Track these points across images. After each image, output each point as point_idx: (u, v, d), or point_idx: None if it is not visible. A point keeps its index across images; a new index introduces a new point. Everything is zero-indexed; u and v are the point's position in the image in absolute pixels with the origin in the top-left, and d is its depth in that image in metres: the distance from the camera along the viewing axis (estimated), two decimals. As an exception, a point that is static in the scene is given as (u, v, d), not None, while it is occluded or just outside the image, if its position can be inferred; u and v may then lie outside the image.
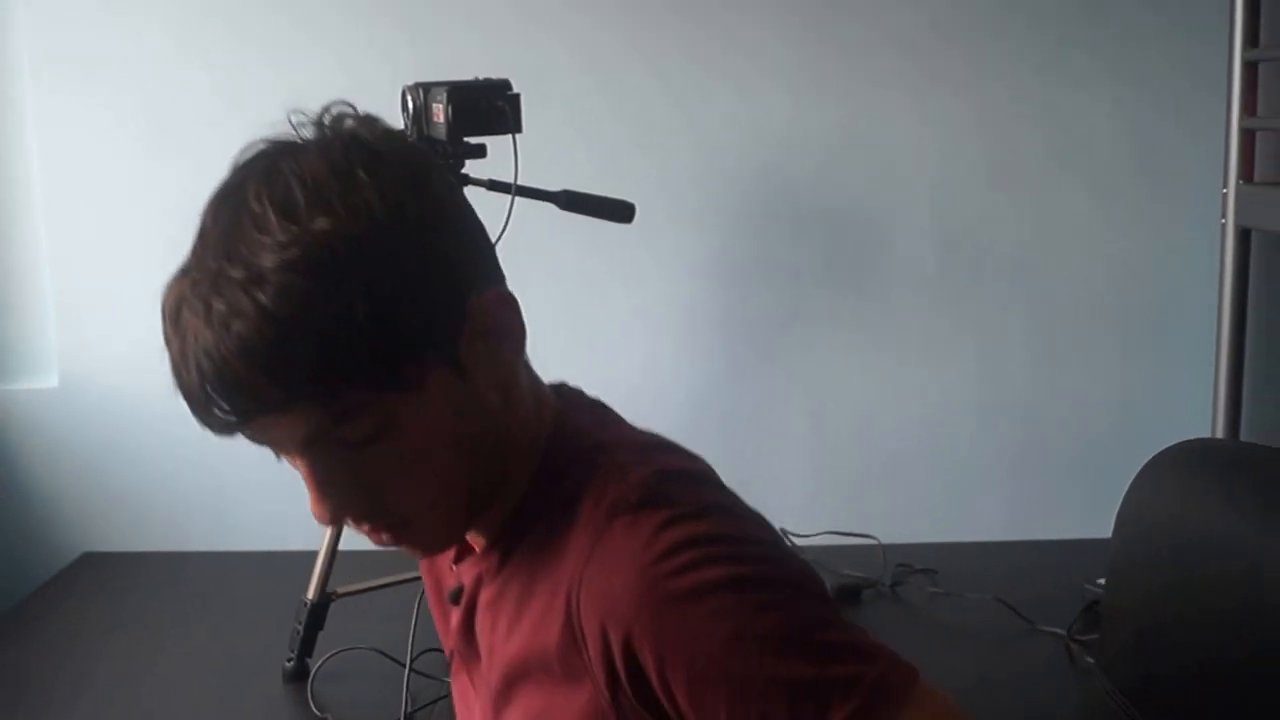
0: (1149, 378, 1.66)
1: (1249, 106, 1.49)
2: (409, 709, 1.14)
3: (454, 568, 0.65)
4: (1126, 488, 1.89)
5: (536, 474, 0.59)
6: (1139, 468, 1.85)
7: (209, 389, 0.54)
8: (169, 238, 2.01)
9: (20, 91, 1.63)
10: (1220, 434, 1.57)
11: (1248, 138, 1.50)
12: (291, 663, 1.27)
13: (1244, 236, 1.53)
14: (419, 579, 1.24)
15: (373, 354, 0.52)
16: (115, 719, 1.21)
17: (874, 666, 0.52)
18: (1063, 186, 1.65)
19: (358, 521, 0.57)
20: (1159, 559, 0.78)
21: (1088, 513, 1.66)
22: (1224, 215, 1.54)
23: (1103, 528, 1.75)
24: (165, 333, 0.58)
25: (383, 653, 1.22)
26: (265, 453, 1.97)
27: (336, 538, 1.28)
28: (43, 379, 1.67)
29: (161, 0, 1.60)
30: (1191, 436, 1.85)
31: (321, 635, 1.27)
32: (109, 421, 1.66)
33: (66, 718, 1.21)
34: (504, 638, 0.60)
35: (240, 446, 2.02)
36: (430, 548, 0.61)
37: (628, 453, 0.59)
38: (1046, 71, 1.61)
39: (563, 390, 0.63)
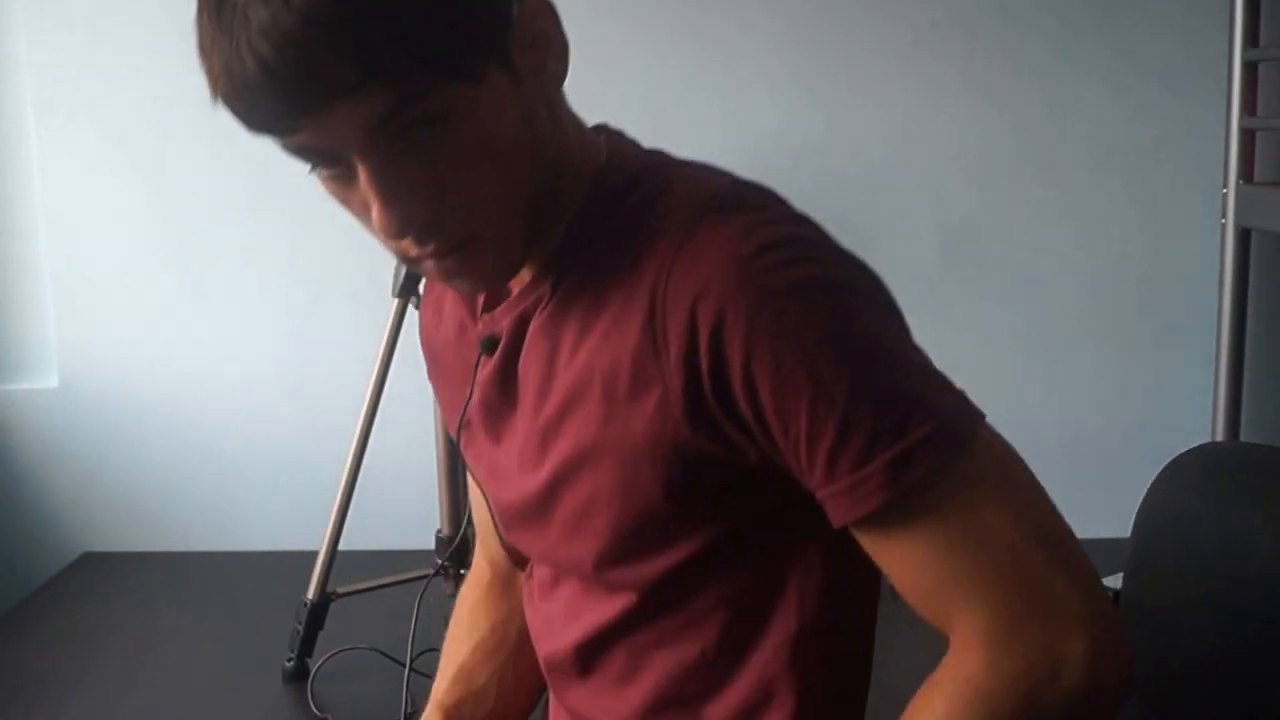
0: (1148, 378, 1.66)
1: (1249, 106, 1.49)
2: (409, 709, 1.14)
3: (482, 318, 0.63)
4: (1127, 487, 1.88)
5: (592, 196, 0.59)
6: (1138, 467, 1.84)
7: (272, 77, 0.50)
8: (169, 238, 2.02)
9: (21, 93, 1.62)
10: (1220, 435, 1.57)
11: (1248, 138, 1.50)
12: (291, 663, 1.27)
13: (1244, 237, 1.52)
14: (419, 579, 1.25)
15: (438, 34, 0.51)
16: (114, 717, 1.21)
17: (952, 394, 0.53)
18: (1062, 186, 1.65)
19: (421, 237, 0.55)
20: (1176, 561, 0.78)
21: (1087, 512, 1.65)
22: (1224, 215, 1.54)
23: (1102, 527, 1.75)
24: (205, 37, 0.53)
25: (383, 653, 1.22)
26: (266, 453, 1.95)
27: (336, 538, 1.28)
28: (42, 379, 1.68)
29: (162, 4, 1.60)
30: (1191, 437, 1.85)
31: (321, 635, 1.28)
32: (108, 422, 1.66)
33: (66, 717, 1.21)
34: (567, 358, 0.58)
35: (240, 446, 2.01)
36: (490, 273, 0.58)
37: (700, 169, 0.59)
38: (1045, 72, 1.61)
39: (606, 128, 0.63)
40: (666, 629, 0.60)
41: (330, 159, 0.54)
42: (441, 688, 0.75)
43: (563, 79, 0.59)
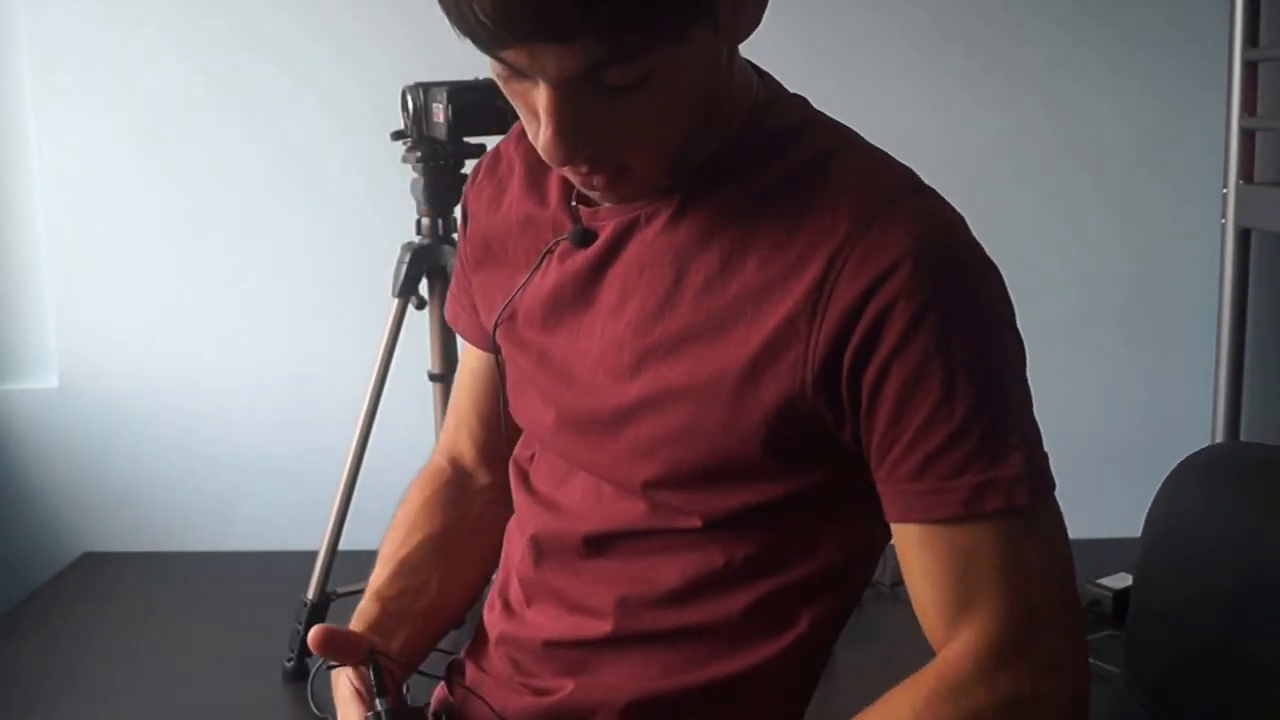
0: (1149, 378, 1.66)
1: (1249, 106, 1.49)
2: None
3: (577, 210, 0.64)
4: (1128, 487, 1.89)
5: (745, 134, 0.61)
6: (1139, 467, 1.84)
7: (498, 1, 0.51)
8: (168, 239, 2.02)
9: (20, 93, 1.63)
10: (1220, 434, 1.57)
11: (1248, 138, 1.50)
12: (291, 662, 1.27)
13: (1244, 236, 1.52)
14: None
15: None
16: (114, 718, 1.21)
17: (1040, 452, 0.58)
18: (1062, 186, 1.65)
19: (582, 164, 0.57)
20: (1187, 562, 0.78)
21: (1086, 512, 1.65)
22: (1224, 215, 1.54)
23: (1102, 527, 1.75)
24: None
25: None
26: (266, 453, 1.94)
27: (336, 538, 1.28)
28: (42, 379, 1.68)
29: (162, 1, 1.60)
30: (1191, 436, 1.85)
31: (321, 635, 1.28)
32: (109, 422, 1.66)
33: (66, 716, 1.21)
34: (699, 287, 0.59)
35: (240, 446, 2.00)
36: (636, 193, 0.60)
37: (863, 141, 0.62)
38: (1046, 72, 1.61)
39: (758, 67, 0.65)
40: (697, 541, 0.62)
41: (522, 75, 0.55)
42: (382, 577, 0.73)
43: (754, 29, 0.59)
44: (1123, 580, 1.38)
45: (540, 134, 0.55)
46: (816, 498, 0.61)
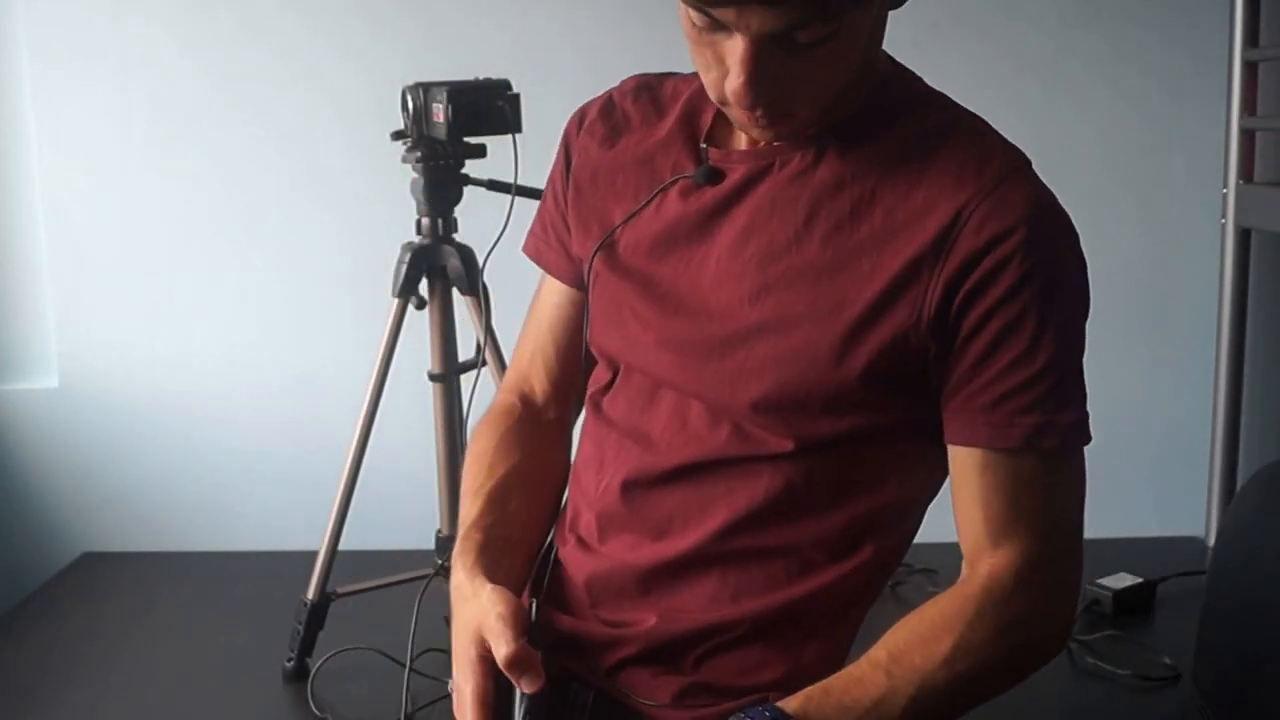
0: (1149, 378, 1.66)
1: (1249, 106, 1.49)
2: (409, 709, 1.14)
3: (709, 151, 0.72)
4: (1127, 487, 1.89)
5: (878, 97, 0.70)
6: (1137, 468, 1.85)
7: None
8: (169, 239, 2.01)
9: (20, 91, 1.62)
10: (1220, 435, 1.57)
11: (1248, 138, 1.50)
12: (291, 662, 1.27)
13: (1244, 237, 1.53)
14: (419, 579, 1.25)
15: None
16: (114, 717, 1.21)
17: (1086, 407, 0.68)
18: (1061, 186, 1.63)
19: (757, 107, 0.64)
20: (1258, 573, 0.79)
21: (1088, 512, 1.65)
22: (1224, 215, 1.54)
23: (1102, 527, 1.74)
24: None
25: (383, 653, 1.22)
26: (266, 453, 1.93)
27: (336, 538, 1.28)
28: (43, 379, 1.67)
29: (167, 13, 1.60)
30: (1190, 437, 1.86)
31: (321, 635, 1.27)
32: (108, 422, 1.66)
33: (65, 716, 1.21)
34: (827, 229, 0.67)
35: (239, 447, 2.00)
36: (788, 134, 0.68)
37: (984, 125, 0.72)
38: (1044, 71, 1.61)
39: (888, 54, 0.73)
40: (779, 466, 0.69)
41: (721, 28, 0.63)
42: (475, 510, 0.77)
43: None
44: (1122, 580, 1.38)
45: (730, 80, 0.63)
46: (893, 435, 0.69)
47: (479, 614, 0.67)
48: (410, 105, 1.25)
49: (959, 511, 0.69)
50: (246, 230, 1.65)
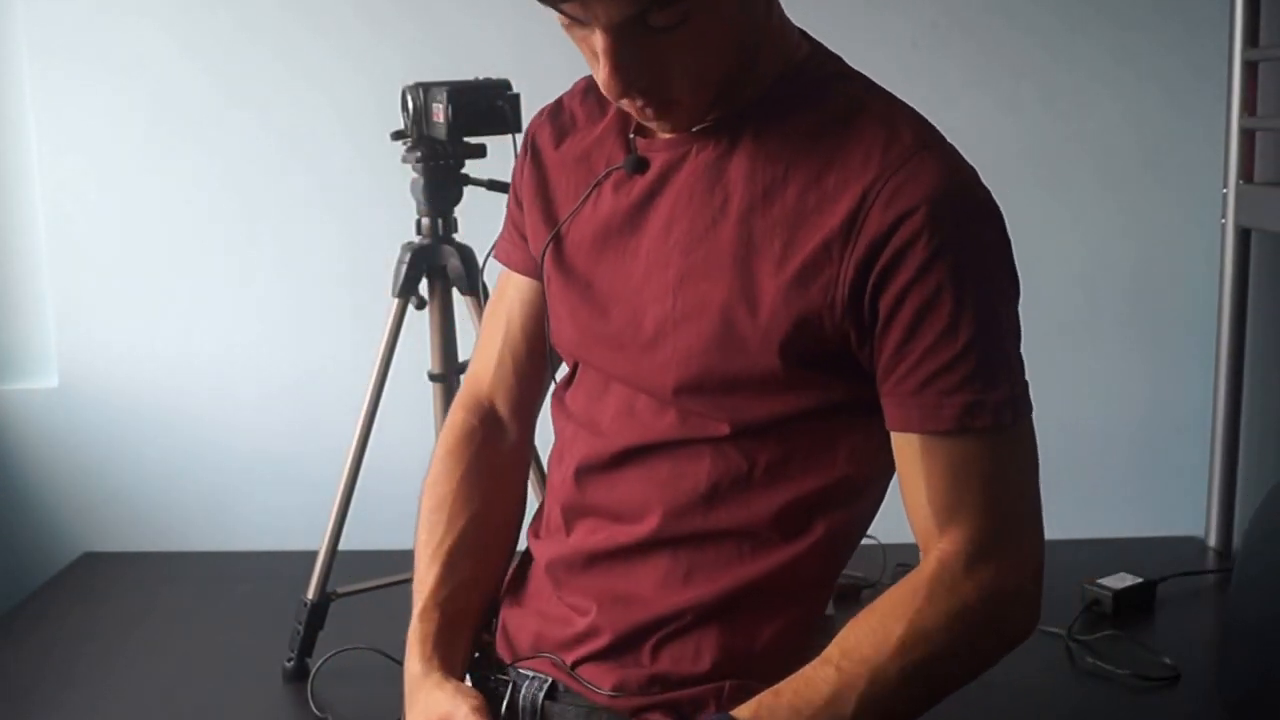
0: (1148, 378, 1.66)
1: (1249, 106, 1.49)
2: (409, 709, 1.14)
3: (636, 141, 0.72)
4: (1127, 488, 1.88)
5: (791, 79, 0.69)
6: (1138, 468, 1.84)
7: None
8: (170, 238, 2.01)
9: (20, 90, 1.62)
10: (1220, 436, 1.57)
11: (1247, 138, 1.50)
12: (291, 662, 1.27)
13: (1244, 236, 1.53)
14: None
15: None
16: (113, 717, 1.21)
17: (1023, 379, 0.68)
18: (1062, 186, 1.64)
19: (635, 97, 0.65)
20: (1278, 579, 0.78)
21: (1087, 511, 1.66)
22: (1224, 215, 1.54)
23: (1102, 527, 1.75)
24: None
25: (383, 653, 1.22)
26: (263, 451, 1.93)
27: (336, 538, 1.28)
28: (42, 379, 1.67)
29: (166, 20, 1.59)
30: (1191, 437, 1.85)
31: (321, 635, 1.27)
32: (109, 421, 1.66)
33: (65, 716, 1.21)
34: (741, 212, 0.67)
35: (239, 446, 1.99)
36: (682, 123, 0.69)
37: (898, 102, 0.71)
38: (1046, 71, 1.61)
39: (803, 31, 0.74)
40: (724, 448, 0.69)
41: (581, 23, 0.63)
42: (432, 578, 0.78)
43: None
44: (1122, 580, 1.38)
45: (600, 72, 0.64)
46: (833, 414, 0.69)
47: (444, 709, 0.70)
48: (410, 105, 1.25)
49: (906, 500, 0.69)
50: (246, 230, 1.65)
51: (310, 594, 1.26)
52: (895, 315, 0.65)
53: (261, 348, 1.66)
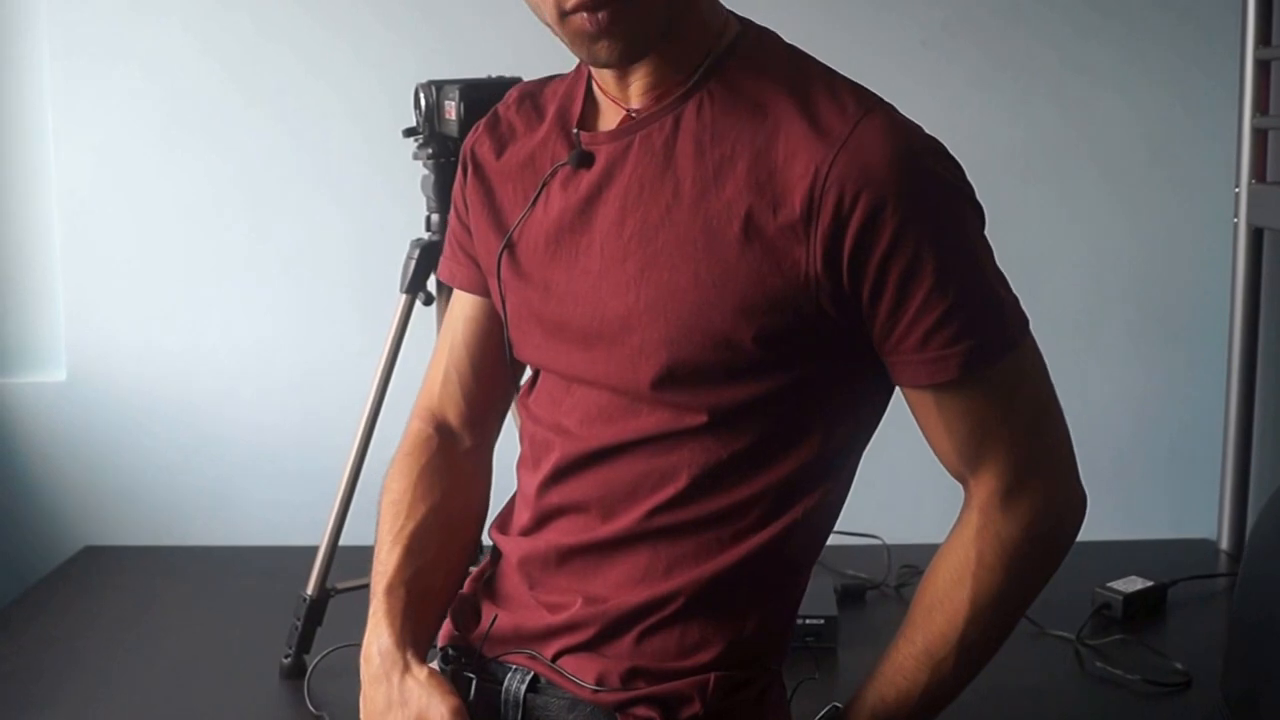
0: (1160, 378, 1.64)
1: (1261, 105, 1.48)
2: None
3: (579, 135, 0.72)
4: (1139, 488, 1.85)
5: (725, 59, 0.69)
6: (1149, 468, 1.82)
7: None
8: (180, 233, 2.01)
9: (39, 85, 1.63)
10: (1232, 436, 1.55)
11: (1260, 137, 1.49)
12: (289, 658, 1.26)
13: (1256, 236, 1.51)
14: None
15: None
16: (113, 712, 1.21)
17: (1013, 299, 0.70)
18: (1073, 186, 1.63)
19: None
20: None
21: (1098, 514, 1.63)
22: (1236, 215, 1.52)
23: (1113, 529, 1.73)
24: None
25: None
26: (267, 447, 1.93)
27: (337, 533, 1.28)
28: (50, 372, 1.67)
29: (182, 20, 1.60)
30: (1202, 438, 1.83)
31: (319, 631, 1.27)
32: (114, 416, 1.66)
33: (65, 710, 1.20)
34: (693, 200, 0.67)
35: (244, 442, 1.98)
36: (635, 34, 0.65)
37: (820, 63, 0.71)
38: (1056, 70, 1.60)
39: (735, 13, 0.73)
40: (700, 438, 0.69)
41: None
42: (395, 559, 0.77)
43: None
44: (1133, 583, 1.36)
45: None
46: (804, 391, 0.69)
47: (421, 703, 0.70)
48: (423, 102, 1.25)
49: (932, 444, 0.71)
50: (256, 226, 1.65)
51: (309, 590, 1.26)
52: (881, 287, 0.65)
53: (269, 343, 1.66)
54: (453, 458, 0.83)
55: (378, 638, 0.75)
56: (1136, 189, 1.62)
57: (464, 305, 0.82)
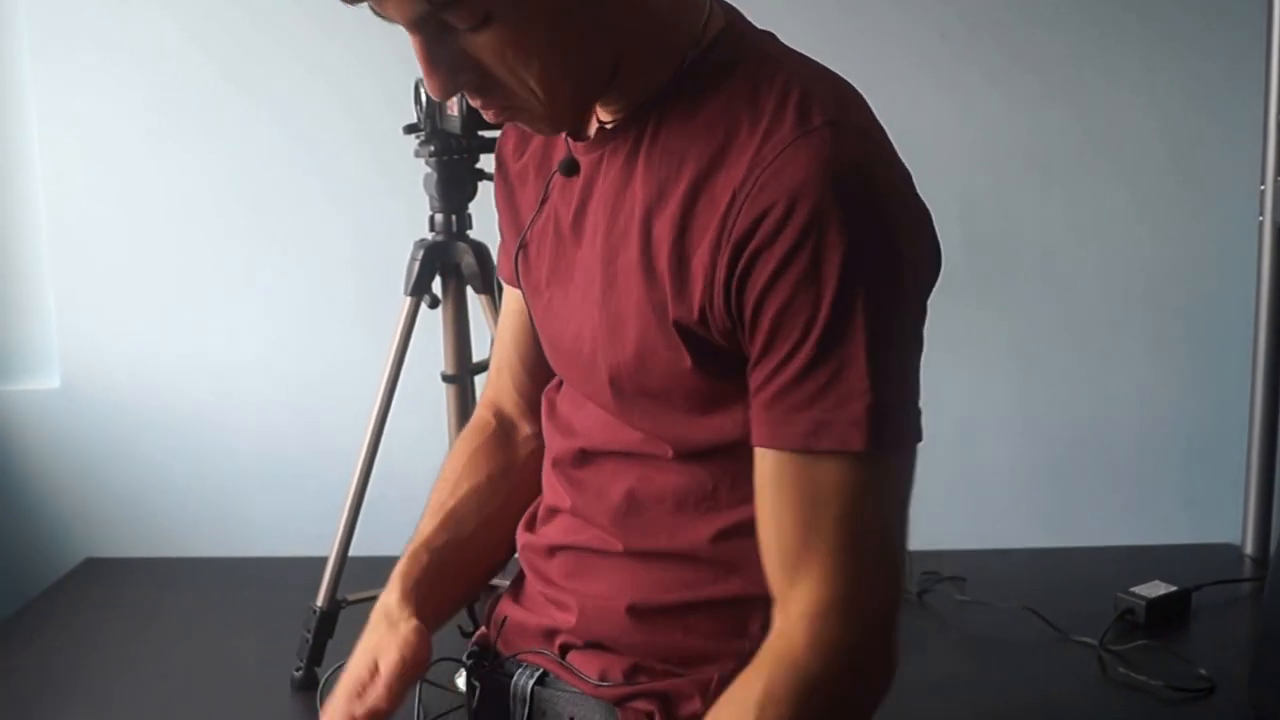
0: (1183, 379, 1.63)
1: (1287, 101, 1.46)
2: (421, 718, 1.11)
3: (570, 142, 0.69)
4: (1163, 490, 1.83)
5: (697, 64, 0.63)
6: (1171, 471, 1.80)
7: None
8: (174, 236, 1.98)
9: (21, 82, 1.59)
10: (1257, 440, 1.53)
11: (1285, 133, 1.46)
12: (300, 672, 1.24)
13: (1281, 234, 1.49)
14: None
15: None
16: (118, 730, 1.18)
17: (907, 407, 0.61)
18: (1096, 184, 1.61)
19: (474, 98, 0.61)
20: None
21: (1121, 518, 1.62)
22: (1261, 213, 1.50)
23: (1136, 534, 1.70)
24: None
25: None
26: (271, 454, 1.89)
27: (346, 543, 1.25)
28: (44, 380, 1.64)
29: (177, 27, 1.56)
30: (1226, 441, 1.81)
31: (331, 644, 1.24)
32: (111, 423, 1.63)
33: (68, 728, 1.18)
34: (641, 216, 0.63)
35: (246, 449, 1.95)
36: (545, 129, 0.64)
37: (808, 68, 0.63)
38: (1079, 66, 1.58)
39: (729, 6, 0.67)
40: (682, 467, 0.66)
41: (390, 20, 0.59)
42: (430, 527, 0.78)
43: None
44: (1156, 588, 1.35)
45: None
46: None
47: (388, 645, 0.70)
48: (423, 98, 1.22)
49: (759, 531, 0.62)
50: (254, 228, 1.62)
51: (319, 601, 1.23)
52: (758, 321, 0.59)
53: (269, 348, 1.63)
54: (509, 441, 0.82)
55: (387, 593, 0.75)
56: (1157, 187, 1.60)
57: (512, 298, 0.81)
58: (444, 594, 0.76)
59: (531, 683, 0.73)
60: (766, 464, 0.61)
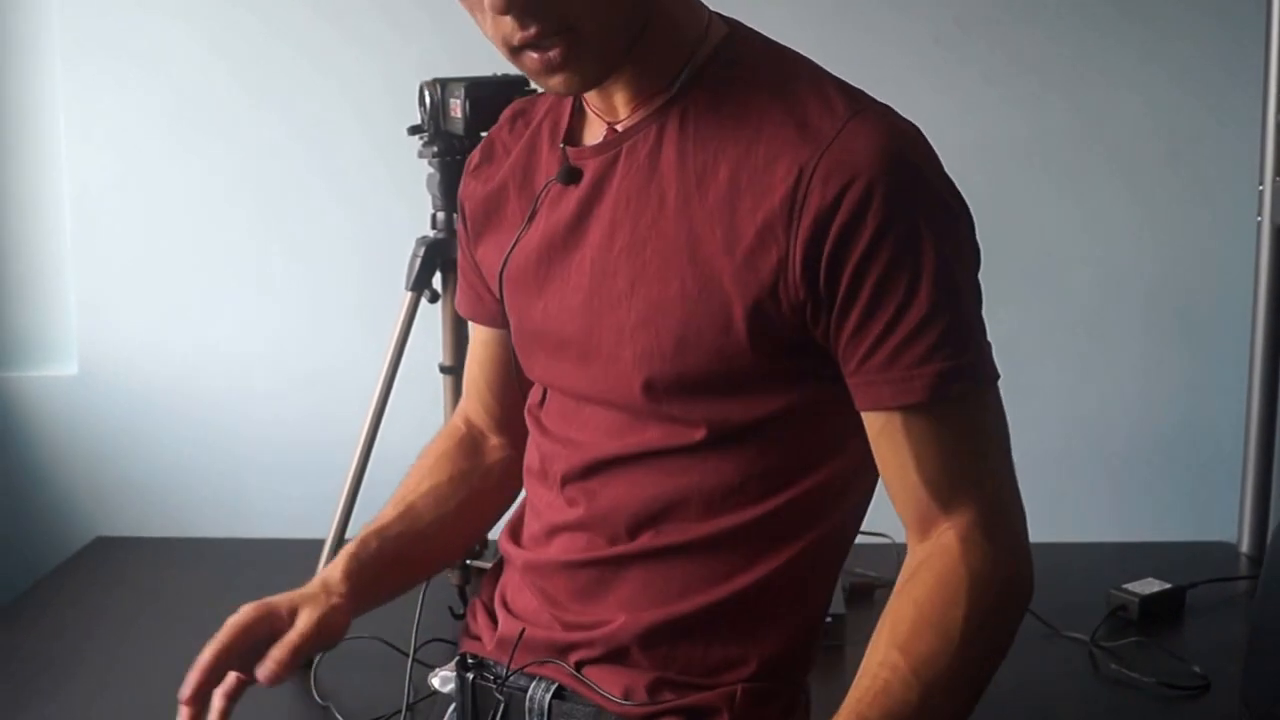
0: (1180, 378, 1.62)
1: (1287, 100, 1.45)
2: (411, 699, 1.13)
3: (566, 150, 0.71)
4: (1160, 491, 1.82)
5: (710, 64, 0.67)
6: (1171, 470, 1.79)
7: None
8: (191, 228, 2.03)
9: (52, 82, 1.64)
10: (1254, 439, 1.52)
11: (1285, 132, 1.45)
12: (297, 650, 1.26)
13: (1279, 234, 1.48)
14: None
15: None
16: (123, 702, 1.21)
17: (988, 344, 0.66)
18: (1093, 182, 1.61)
19: (523, 19, 0.61)
20: None
21: (1114, 515, 1.62)
22: (1259, 212, 1.50)
23: (1129, 530, 1.70)
24: None
25: (386, 642, 1.21)
26: (278, 442, 1.94)
27: (343, 527, 1.28)
28: (62, 366, 1.69)
29: (201, 27, 1.61)
30: (1223, 439, 1.80)
31: (327, 624, 1.27)
32: (125, 409, 1.67)
33: (76, 700, 1.21)
34: (677, 208, 0.65)
35: (253, 436, 1.99)
36: (587, 67, 0.64)
37: (814, 64, 0.68)
38: (1077, 65, 1.58)
39: (722, 14, 0.71)
40: (707, 457, 0.67)
41: None
42: (388, 516, 0.80)
43: None
44: (1150, 585, 1.34)
45: (487, 22, 0.63)
46: (814, 411, 0.67)
47: (311, 610, 0.73)
48: (428, 100, 1.25)
49: (891, 481, 0.66)
50: (264, 223, 1.66)
51: (317, 582, 1.26)
52: (855, 293, 0.62)
53: (277, 339, 1.66)
54: (476, 446, 0.86)
55: (333, 566, 0.78)
56: (1155, 187, 1.59)
57: (479, 331, 0.85)
58: (383, 583, 0.79)
59: (549, 696, 0.72)
60: (894, 421, 0.64)
